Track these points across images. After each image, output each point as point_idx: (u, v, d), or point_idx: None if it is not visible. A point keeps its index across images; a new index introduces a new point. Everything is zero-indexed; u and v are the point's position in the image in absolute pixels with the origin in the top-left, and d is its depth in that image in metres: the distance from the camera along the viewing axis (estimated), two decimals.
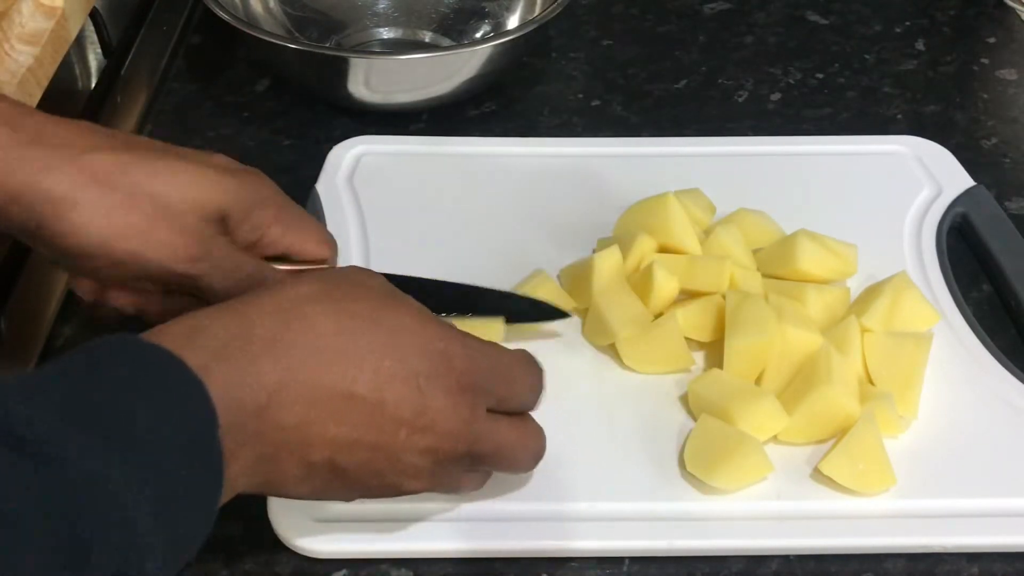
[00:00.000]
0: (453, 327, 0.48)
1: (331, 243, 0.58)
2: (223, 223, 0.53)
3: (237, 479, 0.42)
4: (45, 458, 0.34)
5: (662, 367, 0.60)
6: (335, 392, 0.44)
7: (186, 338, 0.41)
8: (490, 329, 0.59)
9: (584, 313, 0.63)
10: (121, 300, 0.54)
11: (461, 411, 0.46)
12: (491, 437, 0.48)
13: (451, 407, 0.46)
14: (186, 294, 0.53)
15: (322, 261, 0.57)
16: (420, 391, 0.45)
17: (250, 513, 0.52)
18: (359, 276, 0.49)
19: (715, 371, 0.59)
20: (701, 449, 0.56)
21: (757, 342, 0.58)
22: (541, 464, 0.55)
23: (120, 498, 0.36)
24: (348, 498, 0.48)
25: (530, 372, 0.50)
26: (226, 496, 0.41)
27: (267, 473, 0.44)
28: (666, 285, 0.61)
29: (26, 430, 0.35)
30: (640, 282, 0.62)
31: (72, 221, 0.49)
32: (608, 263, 0.63)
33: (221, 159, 0.55)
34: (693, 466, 0.55)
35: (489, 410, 0.48)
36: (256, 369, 0.42)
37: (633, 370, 0.61)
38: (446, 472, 0.48)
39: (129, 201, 0.50)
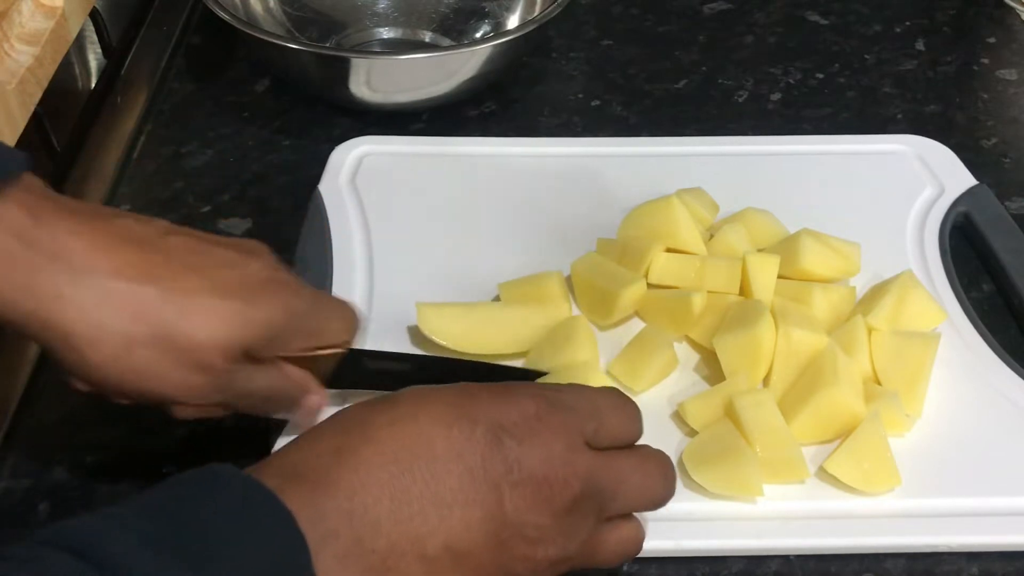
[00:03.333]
0: (512, 384, 0.46)
1: (351, 328, 0.54)
2: (246, 352, 0.49)
3: None
4: None
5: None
6: (415, 476, 0.41)
7: (261, 471, 0.40)
8: None
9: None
10: (121, 402, 0.50)
11: (555, 450, 0.43)
12: (608, 470, 0.44)
13: (541, 449, 0.42)
14: None
15: (341, 340, 0.54)
16: (500, 443, 0.42)
17: None
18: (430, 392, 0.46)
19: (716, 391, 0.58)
20: (699, 449, 0.56)
21: (746, 337, 0.58)
22: None
23: None
24: None
25: (614, 400, 0.47)
26: None
27: None
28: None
29: (115, 557, 0.34)
30: (674, 306, 0.63)
31: (88, 358, 0.46)
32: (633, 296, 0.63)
33: (254, 270, 0.49)
34: (690, 464, 0.55)
35: (595, 447, 0.44)
36: (330, 479, 0.40)
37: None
38: (575, 526, 0.43)
39: (152, 342, 0.46)
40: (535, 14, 0.85)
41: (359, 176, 0.74)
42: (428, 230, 0.70)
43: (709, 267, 0.63)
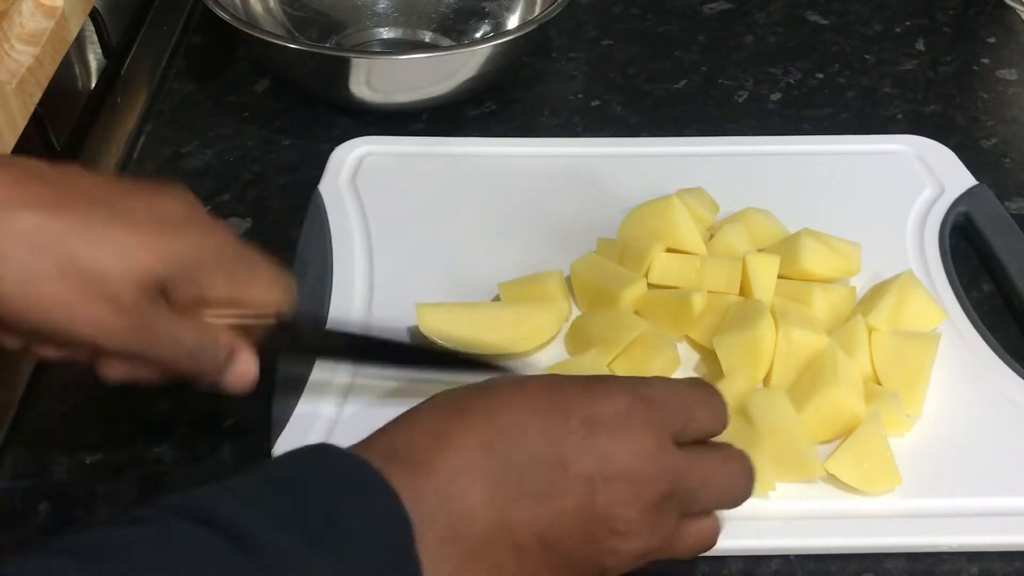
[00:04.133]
0: (604, 376, 0.48)
1: (279, 287, 0.52)
2: (163, 290, 0.47)
3: None
4: (265, 557, 0.35)
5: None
6: (511, 465, 0.41)
7: (364, 449, 0.41)
8: None
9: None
10: (49, 354, 0.49)
11: (645, 446, 0.43)
12: (695, 468, 0.45)
13: (632, 444, 0.43)
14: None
15: (271, 309, 0.52)
16: (594, 438, 0.42)
17: None
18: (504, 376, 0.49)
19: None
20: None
21: (746, 337, 0.58)
22: None
23: None
24: None
25: (704, 394, 0.47)
26: None
27: (481, 570, 0.41)
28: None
29: (248, 531, 0.36)
30: (674, 306, 0.63)
31: None
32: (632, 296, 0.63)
33: (169, 207, 0.48)
34: None
35: (679, 444, 0.45)
36: (429, 461, 0.41)
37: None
38: (661, 522, 0.44)
39: (58, 272, 0.44)
40: (535, 14, 0.85)
41: (359, 176, 0.74)
42: (428, 230, 0.70)
43: (709, 267, 0.63)
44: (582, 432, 0.42)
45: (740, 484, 0.47)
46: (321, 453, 0.40)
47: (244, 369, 0.52)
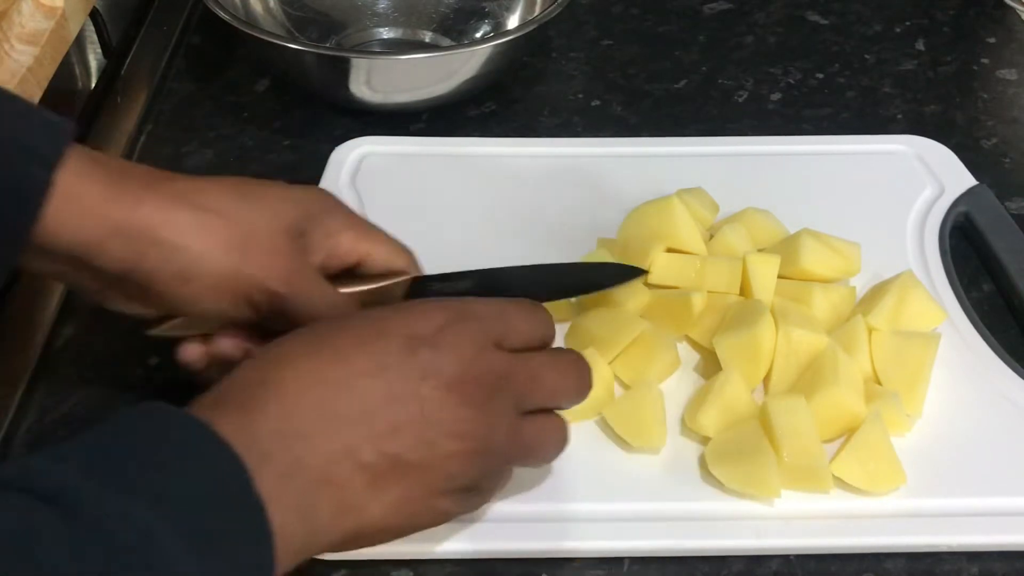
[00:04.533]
0: (421, 300, 0.50)
1: (406, 251, 0.58)
2: (303, 240, 0.54)
3: (305, 517, 0.42)
4: (80, 510, 0.35)
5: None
6: (338, 386, 0.44)
7: (192, 404, 0.43)
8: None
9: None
10: (227, 346, 0.54)
11: (465, 349, 0.46)
12: (517, 366, 0.47)
13: (453, 350, 0.45)
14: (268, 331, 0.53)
15: (400, 271, 0.57)
16: (414, 350, 0.45)
17: None
18: (344, 319, 0.50)
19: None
20: (721, 446, 0.56)
21: (746, 337, 0.58)
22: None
23: (156, 541, 0.36)
24: (444, 504, 0.46)
25: (521, 306, 0.49)
26: (315, 545, 0.43)
27: (334, 497, 0.43)
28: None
29: (62, 488, 0.36)
30: (675, 307, 0.63)
31: (173, 242, 0.50)
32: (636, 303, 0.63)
33: (279, 183, 0.56)
34: (711, 459, 0.55)
35: (507, 349, 0.47)
36: (258, 405, 0.42)
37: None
38: (495, 417, 0.46)
39: (222, 220, 0.51)
40: (535, 14, 0.85)
41: (359, 176, 0.74)
42: (428, 230, 0.70)
43: (709, 267, 0.63)
44: (403, 350, 0.45)
45: (573, 378, 0.49)
46: (146, 412, 0.41)
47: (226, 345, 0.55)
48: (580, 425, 0.58)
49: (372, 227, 0.57)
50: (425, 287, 0.57)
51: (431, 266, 0.67)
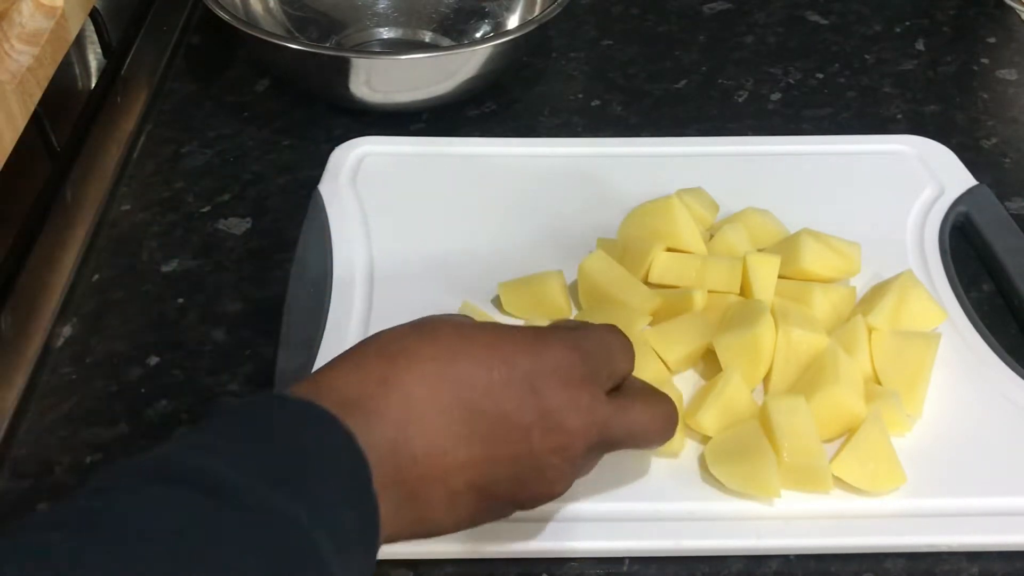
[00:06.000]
0: (540, 328, 0.49)
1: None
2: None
3: (388, 520, 0.42)
4: (245, 505, 0.36)
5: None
6: (454, 414, 0.44)
7: (314, 394, 0.42)
8: None
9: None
10: None
11: (581, 401, 0.46)
12: (622, 420, 0.48)
13: (570, 401, 0.45)
14: None
15: None
16: (536, 391, 0.45)
17: None
18: (447, 316, 0.49)
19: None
20: (721, 446, 0.56)
21: (747, 337, 0.58)
22: None
23: (313, 541, 0.37)
24: (504, 515, 0.48)
25: (617, 337, 0.50)
26: (383, 541, 0.42)
27: (415, 510, 0.44)
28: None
29: (222, 482, 0.36)
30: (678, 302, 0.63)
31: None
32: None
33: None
34: (711, 459, 0.55)
35: (609, 392, 0.48)
36: (380, 409, 0.42)
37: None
38: (587, 467, 0.48)
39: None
40: (535, 14, 0.85)
41: (359, 176, 0.74)
42: (428, 230, 0.70)
43: (709, 267, 0.63)
44: (525, 386, 0.45)
45: (661, 431, 0.50)
46: (277, 401, 0.42)
47: None
48: None
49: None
50: None
51: (431, 266, 0.67)
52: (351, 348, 0.46)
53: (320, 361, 0.60)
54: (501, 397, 0.44)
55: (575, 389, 0.46)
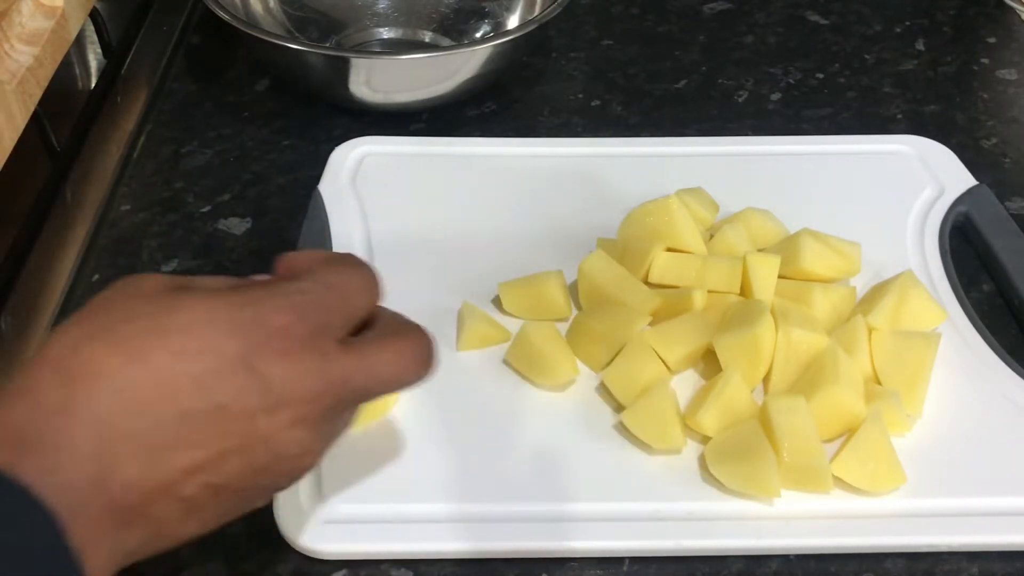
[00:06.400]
0: (254, 285, 0.42)
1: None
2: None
3: (115, 553, 0.37)
4: None
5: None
6: (163, 422, 0.37)
7: None
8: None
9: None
10: None
11: (310, 365, 0.40)
12: (361, 369, 0.42)
13: (295, 367, 0.40)
14: None
15: None
16: (252, 370, 0.39)
17: (251, 513, 0.52)
18: (129, 288, 0.41)
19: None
20: (721, 446, 0.56)
21: (746, 337, 0.58)
22: (542, 464, 0.56)
23: None
24: (259, 503, 0.42)
25: (356, 274, 0.44)
26: (114, 571, 0.37)
27: (148, 529, 0.38)
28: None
29: None
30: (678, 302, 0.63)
31: None
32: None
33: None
34: (711, 459, 0.55)
35: (344, 341, 0.42)
36: (64, 442, 0.36)
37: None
38: (333, 430, 0.43)
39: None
40: (535, 14, 0.85)
41: (359, 176, 0.74)
42: (428, 230, 0.70)
43: (709, 267, 0.63)
44: (238, 369, 0.39)
45: (413, 369, 0.44)
46: None
47: None
48: (580, 425, 0.58)
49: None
50: None
51: (431, 266, 0.67)
52: (20, 369, 0.38)
53: None
54: (213, 388, 0.38)
55: (298, 354, 0.40)
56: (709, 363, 0.61)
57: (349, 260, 0.45)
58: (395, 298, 0.64)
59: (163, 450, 0.38)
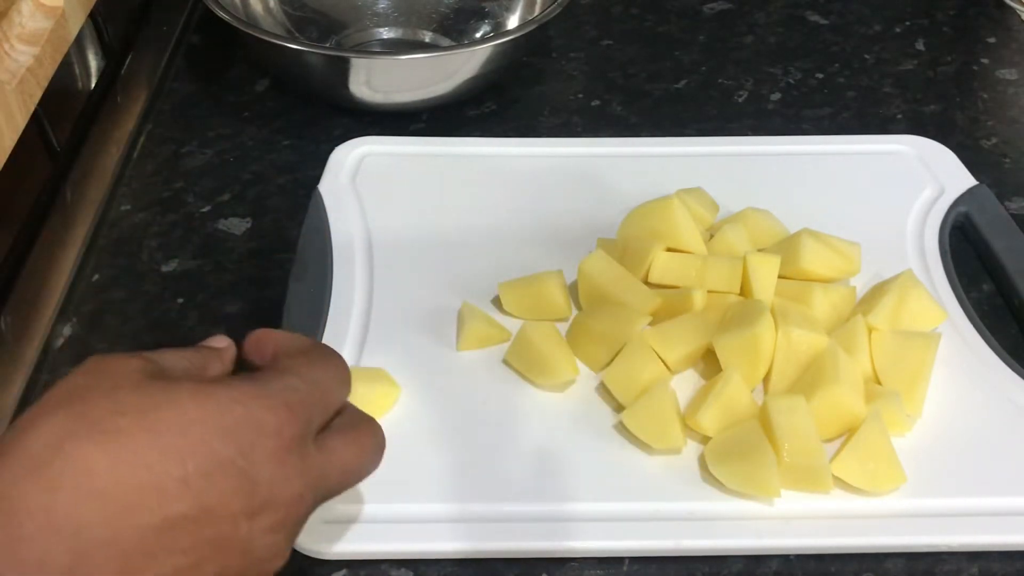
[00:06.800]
0: (239, 379, 0.41)
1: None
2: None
3: None
4: None
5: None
6: (147, 530, 0.36)
7: None
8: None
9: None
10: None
11: (293, 467, 0.39)
12: (335, 466, 0.42)
13: (281, 470, 0.39)
14: None
15: None
16: (242, 474, 0.38)
17: None
18: (108, 374, 0.39)
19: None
20: (721, 445, 0.56)
21: (746, 336, 0.58)
22: (542, 464, 0.56)
23: None
24: None
25: (332, 366, 0.44)
26: None
27: None
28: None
29: None
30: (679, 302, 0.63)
31: None
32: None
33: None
34: (711, 459, 0.55)
35: (316, 437, 0.41)
36: (40, 555, 0.34)
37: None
38: (300, 525, 0.41)
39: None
40: (535, 14, 0.85)
41: (359, 176, 0.74)
42: (428, 230, 0.70)
43: (709, 267, 0.63)
44: (229, 470, 0.37)
45: (372, 463, 0.44)
46: None
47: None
48: (580, 425, 0.58)
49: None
50: None
51: (431, 266, 0.67)
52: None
53: None
54: (201, 491, 0.37)
55: (284, 455, 0.39)
56: (709, 363, 0.61)
57: (324, 352, 0.44)
58: (395, 298, 0.64)
59: (141, 557, 0.36)
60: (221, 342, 0.45)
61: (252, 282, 0.68)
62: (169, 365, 0.41)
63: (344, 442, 0.43)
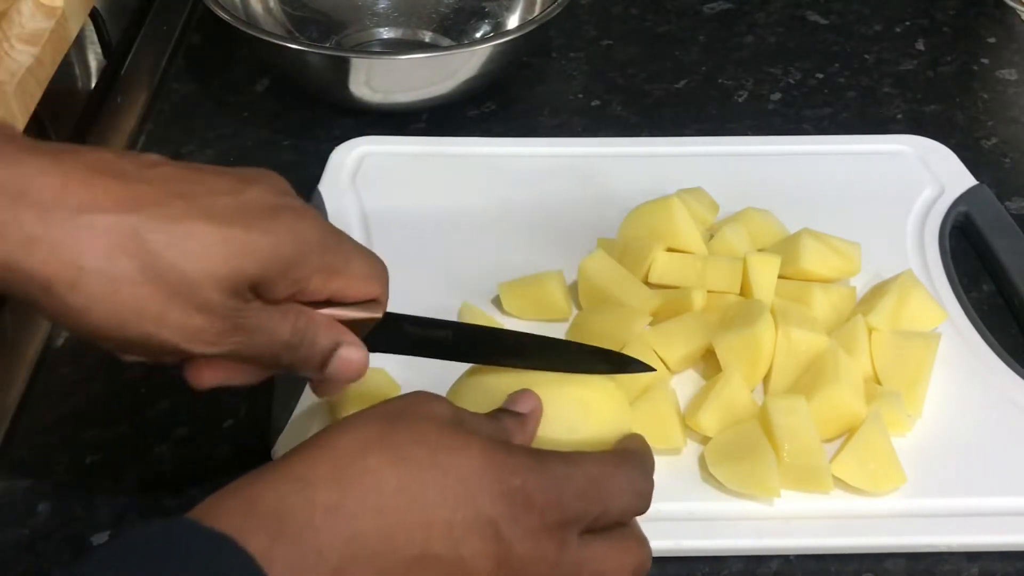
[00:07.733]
0: (527, 453, 0.42)
1: (379, 277, 0.48)
2: (254, 287, 0.43)
3: None
4: None
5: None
6: (407, 558, 0.38)
7: (244, 515, 0.36)
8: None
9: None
10: (136, 360, 0.44)
11: (548, 552, 0.40)
12: (586, 569, 0.42)
13: (536, 550, 0.40)
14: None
15: (371, 297, 0.48)
16: (500, 539, 0.39)
17: None
18: (422, 408, 0.42)
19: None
20: (721, 445, 0.56)
21: (746, 336, 0.58)
22: None
23: None
24: None
25: (630, 476, 0.44)
26: None
27: None
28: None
29: None
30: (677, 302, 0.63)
31: (69, 304, 0.39)
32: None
33: (256, 194, 0.44)
34: (711, 459, 0.55)
35: (582, 535, 0.42)
36: (319, 545, 0.37)
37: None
38: None
39: (140, 278, 0.40)
40: (535, 14, 0.85)
41: (359, 176, 0.74)
42: (428, 230, 0.70)
43: (710, 267, 0.63)
44: (489, 531, 0.39)
45: (631, 566, 0.44)
46: (176, 529, 0.36)
47: (349, 357, 0.47)
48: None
49: (347, 256, 0.46)
50: (397, 325, 0.49)
51: (432, 266, 0.67)
52: (301, 450, 0.39)
53: None
54: (461, 540, 0.39)
55: (543, 537, 0.40)
56: (709, 363, 0.61)
57: (632, 461, 0.45)
58: (395, 298, 0.64)
59: (379, 568, 0.38)
60: (526, 405, 0.46)
61: None
62: (474, 424, 0.42)
63: (609, 551, 0.43)
